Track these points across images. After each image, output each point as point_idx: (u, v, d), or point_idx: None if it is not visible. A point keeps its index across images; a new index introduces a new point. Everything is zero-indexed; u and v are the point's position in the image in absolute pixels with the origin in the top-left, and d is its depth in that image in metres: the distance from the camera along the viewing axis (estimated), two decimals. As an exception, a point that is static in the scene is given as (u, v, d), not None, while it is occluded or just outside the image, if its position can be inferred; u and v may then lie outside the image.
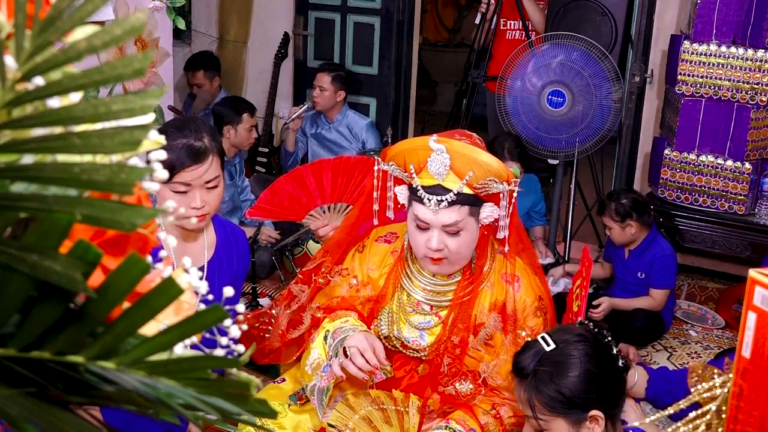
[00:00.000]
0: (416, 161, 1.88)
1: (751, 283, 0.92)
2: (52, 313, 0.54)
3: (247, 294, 3.86)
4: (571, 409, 1.56)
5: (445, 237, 1.89)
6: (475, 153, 1.84)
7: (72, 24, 0.52)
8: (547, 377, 1.58)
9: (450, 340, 1.98)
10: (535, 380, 1.60)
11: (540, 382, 1.59)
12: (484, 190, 1.87)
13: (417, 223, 1.91)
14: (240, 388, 0.57)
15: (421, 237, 1.92)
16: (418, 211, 1.89)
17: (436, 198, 1.85)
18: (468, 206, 1.88)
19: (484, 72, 4.48)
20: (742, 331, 0.94)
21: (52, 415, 0.55)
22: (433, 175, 1.86)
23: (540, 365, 1.60)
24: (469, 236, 1.92)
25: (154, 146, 0.58)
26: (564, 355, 1.59)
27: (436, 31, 8.66)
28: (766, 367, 0.92)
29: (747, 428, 0.96)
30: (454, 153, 1.83)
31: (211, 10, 5.50)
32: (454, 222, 1.87)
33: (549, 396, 1.57)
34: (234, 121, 4.02)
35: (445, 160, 1.83)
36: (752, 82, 3.57)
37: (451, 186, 1.85)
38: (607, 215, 3.56)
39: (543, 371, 1.59)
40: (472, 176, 1.83)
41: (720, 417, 1.26)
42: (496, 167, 1.84)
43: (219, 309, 0.54)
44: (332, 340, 1.95)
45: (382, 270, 2.08)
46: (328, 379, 1.92)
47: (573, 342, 1.61)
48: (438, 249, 1.89)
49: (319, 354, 1.97)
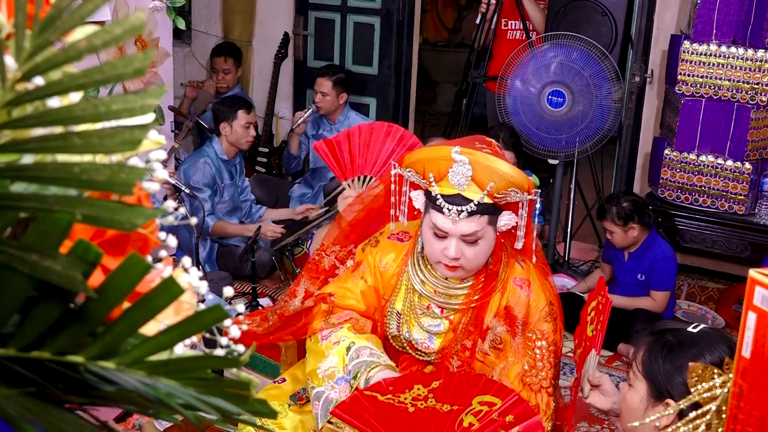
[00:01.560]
0: (436, 170, 1.87)
1: (751, 283, 0.92)
2: (52, 313, 0.54)
3: (247, 294, 3.86)
4: (662, 386, 1.54)
5: (462, 246, 1.88)
6: (497, 164, 1.82)
7: (72, 24, 0.52)
8: (664, 343, 1.56)
9: (461, 343, 1.98)
10: (658, 339, 1.57)
11: (657, 342, 1.57)
12: (505, 199, 1.86)
13: (435, 231, 1.90)
14: (240, 388, 0.57)
15: (439, 245, 1.90)
16: (437, 220, 1.88)
17: (457, 208, 1.83)
18: (488, 215, 1.87)
19: (484, 72, 4.48)
20: (742, 331, 0.94)
21: (52, 415, 0.55)
22: (454, 186, 1.84)
23: (672, 333, 1.58)
24: (486, 245, 1.91)
25: (154, 146, 0.58)
26: (695, 346, 1.56)
27: (436, 31, 8.66)
28: (766, 367, 0.92)
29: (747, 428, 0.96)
30: (477, 164, 1.81)
31: (211, 10, 5.50)
32: (473, 232, 1.86)
33: (651, 357, 1.55)
34: (229, 118, 4.02)
35: (467, 172, 1.81)
36: (752, 82, 3.57)
37: (471, 196, 1.83)
38: (609, 220, 3.55)
39: (669, 339, 1.57)
40: (494, 187, 1.82)
41: (720, 417, 1.26)
42: (517, 178, 1.83)
43: (219, 309, 0.54)
44: (355, 355, 1.93)
45: (395, 269, 2.07)
46: (340, 393, 1.90)
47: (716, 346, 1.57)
48: (455, 258, 1.89)
49: (336, 363, 1.94)
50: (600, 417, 2.99)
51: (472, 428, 1.70)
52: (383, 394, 1.72)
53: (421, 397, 1.71)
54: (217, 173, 4.02)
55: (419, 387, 1.71)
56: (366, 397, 1.73)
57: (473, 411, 1.71)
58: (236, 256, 4.01)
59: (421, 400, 1.71)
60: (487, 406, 1.71)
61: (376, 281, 2.07)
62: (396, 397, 1.72)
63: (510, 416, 1.70)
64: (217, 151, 4.03)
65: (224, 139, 4.04)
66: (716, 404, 1.27)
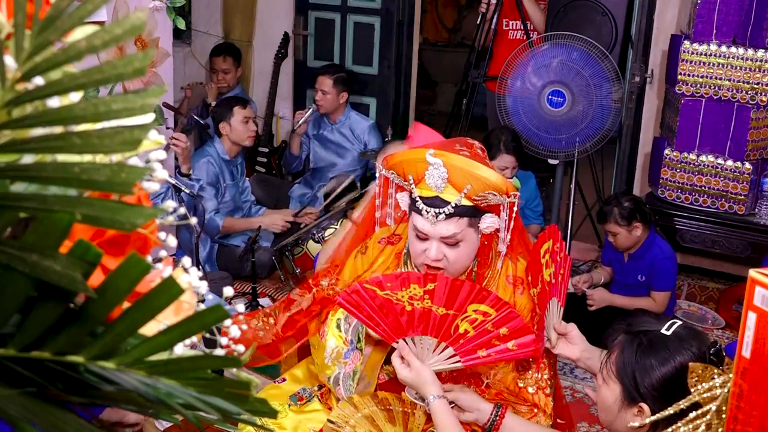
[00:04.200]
0: (414, 173, 1.88)
1: (751, 283, 0.92)
2: (52, 313, 0.54)
3: (247, 294, 3.86)
4: (633, 389, 1.54)
5: (444, 248, 1.89)
6: (472, 167, 1.82)
7: (72, 24, 0.52)
8: (637, 345, 1.56)
9: None
10: (631, 339, 1.57)
11: (630, 343, 1.56)
12: (484, 201, 1.86)
13: (416, 233, 1.91)
14: (240, 388, 0.57)
15: (420, 246, 1.91)
16: (416, 222, 1.89)
17: (435, 210, 1.84)
18: (467, 218, 1.87)
19: (484, 72, 4.48)
20: (742, 331, 0.94)
21: (52, 415, 0.55)
22: (432, 188, 1.85)
23: (645, 335, 1.58)
24: (468, 247, 1.92)
25: (154, 146, 0.58)
26: (667, 348, 1.56)
27: (436, 31, 8.66)
28: (766, 367, 0.92)
29: (747, 428, 0.96)
30: (451, 167, 1.81)
31: (212, 10, 5.51)
32: (452, 234, 1.86)
33: (624, 359, 1.55)
34: (226, 117, 4.02)
35: (442, 174, 1.82)
36: (752, 82, 3.57)
37: (449, 198, 1.84)
38: (612, 222, 3.53)
39: (641, 340, 1.56)
40: (471, 189, 1.83)
41: (720, 417, 1.26)
42: (494, 181, 1.83)
43: (219, 309, 0.54)
44: (347, 324, 1.94)
45: (385, 273, 2.08)
46: (354, 362, 1.91)
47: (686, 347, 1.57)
48: (437, 259, 1.89)
49: (336, 343, 1.96)
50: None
51: (467, 335, 1.73)
52: (382, 289, 1.74)
53: (417, 297, 1.73)
54: (220, 173, 4.03)
55: (415, 287, 1.72)
56: (367, 291, 1.74)
57: (468, 318, 1.73)
58: (236, 256, 4.01)
59: (418, 300, 1.73)
60: (482, 316, 1.72)
61: None
62: (394, 294, 1.74)
63: (504, 329, 1.72)
64: (219, 151, 4.04)
65: (226, 138, 4.05)
66: (716, 404, 1.27)
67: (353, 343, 1.93)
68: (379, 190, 2.00)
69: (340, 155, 4.72)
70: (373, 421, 1.91)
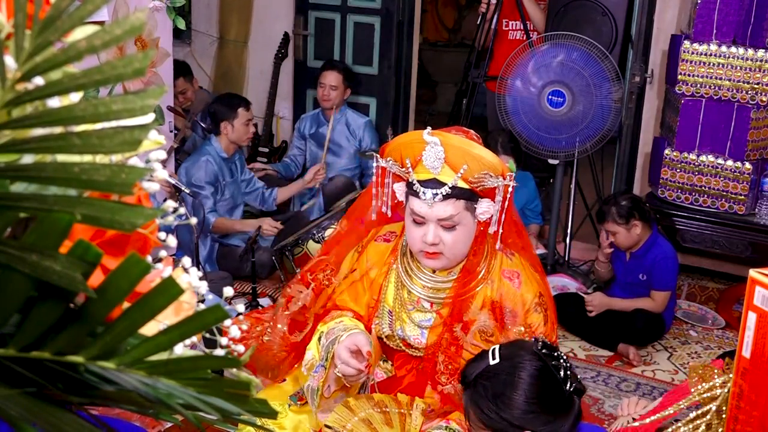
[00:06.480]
0: (412, 155, 1.90)
1: (751, 283, 0.92)
2: (52, 313, 0.54)
3: (247, 294, 3.86)
4: (510, 428, 1.54)
5: (440, 231, 1.91)
6: (469, 146, 1.86)
7: (72, 24, 0.52)
8: (484, 392, 1.57)
9: (445, 339, 1.99)
10: (475, 392, 1.58)
11: (477, 395, 1.57)
12: (480, 184, 1.89)
13: (413, 217, 1.93)
14: (240, 388, 0.57)
15: (418, 231, 1.94)
16: (414, 205, 1.91)
17: (432, 191, 1.87)
18: (464, 200, 1.90)
19: (484, 72, 4.48)
20: (742, 331, 0.94)
21: (52, 415, 0.55)
22: (429, 169, 1.88)
23: (482, 378, 1.59)
24: (465, 231, 1.94)
25: (154, 146, 0.58)
26: (507, 373, 1.56)
27: (436, 31, 8.66)
28: (766, 367, 0.92)
29: (747, 428, 0.96)
30: (448, 146, 1.85)
31: (211, 10, 5.51)
32: (449, 216, 1.89)
33: (483, 411, 1.56)
34: (230, 117, 4.04)
35: (439, 153, 1.85)
36: (752, 82, 3.57)
37: (446, 179, 1.87)
38: (610, 221, 3.54)
39: (483, 385, 1.57)
40: (467, 169, 1.85)
41: (720, 417, 1.26)
42: (490, 160, 1.87)
43: (219, 309, 0.54)
44: (325, 340, 1.96)
45: (381, 269, 2.09)
46: (318, 379, 1.93)
47: (520, 361, 1.57)
48: (433, 243, 1.91)
49: (312, 355, 1.99)
50: (600, 417, 2.99)
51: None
52: None
53: None
54: (219, 171, 4.04)
55: None
56: None
57: None
58: (236, 256, 4.01)
59: None
60: None
61: (364, 285, 2.10)
62: None
63: None
64: (217, 150, 4.05)
65: (224, 137, 4.05)
66: (716, 404, 1.27)
67: (324, 359, 1.94)
68: (376, 180, 2.03)
69: (336, 154, 4.72)
70: (369, 424, 1.92)
